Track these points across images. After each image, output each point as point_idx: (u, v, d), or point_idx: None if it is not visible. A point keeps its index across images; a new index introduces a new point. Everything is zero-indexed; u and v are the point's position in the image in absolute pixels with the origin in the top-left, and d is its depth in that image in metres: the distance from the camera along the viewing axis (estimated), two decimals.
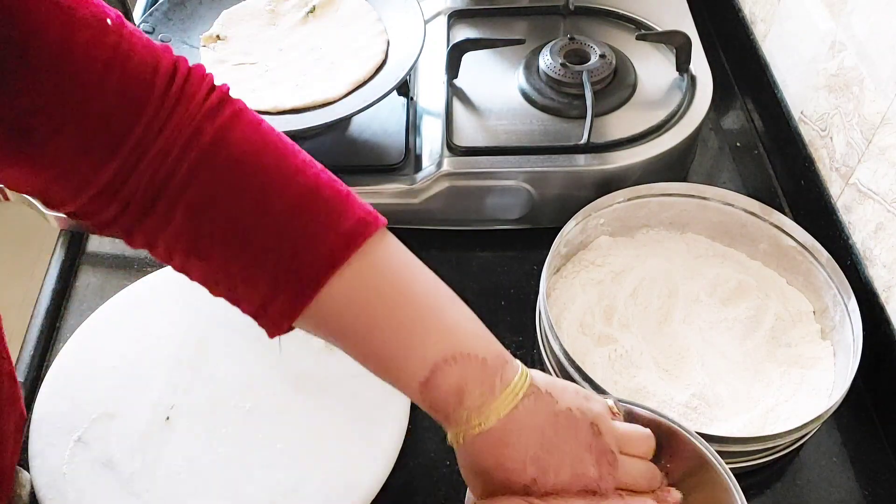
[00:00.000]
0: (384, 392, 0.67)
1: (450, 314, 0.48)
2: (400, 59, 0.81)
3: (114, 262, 0.83)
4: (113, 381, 0.69)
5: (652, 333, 0.71)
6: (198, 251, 0.46)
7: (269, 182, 0.45)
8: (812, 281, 0.72)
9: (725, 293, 0.73)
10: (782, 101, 0.88)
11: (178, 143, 0.44)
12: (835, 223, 0.76)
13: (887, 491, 0.65)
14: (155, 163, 0.44)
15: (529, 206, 0.81)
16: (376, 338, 0.47)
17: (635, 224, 0.78)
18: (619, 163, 0.78)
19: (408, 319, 0.47)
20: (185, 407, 0.68)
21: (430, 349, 0.46)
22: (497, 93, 0.85)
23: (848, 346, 0.65)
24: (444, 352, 0.46)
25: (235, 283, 0.47)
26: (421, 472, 0.67)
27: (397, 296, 0.47)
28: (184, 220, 0.45)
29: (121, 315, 0.74)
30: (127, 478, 0.63)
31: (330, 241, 0.45)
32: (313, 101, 0.79)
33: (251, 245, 0.46)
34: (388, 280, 0.47)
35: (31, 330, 0.75)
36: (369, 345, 0.47)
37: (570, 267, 0.76)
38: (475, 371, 0.46)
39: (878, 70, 0.71)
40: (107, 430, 0.66)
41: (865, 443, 0.68)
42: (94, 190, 0.44)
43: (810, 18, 0.83)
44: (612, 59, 0.85)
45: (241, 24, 0.88)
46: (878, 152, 0.71)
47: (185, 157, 0.44)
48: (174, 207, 0.45)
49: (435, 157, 0.80)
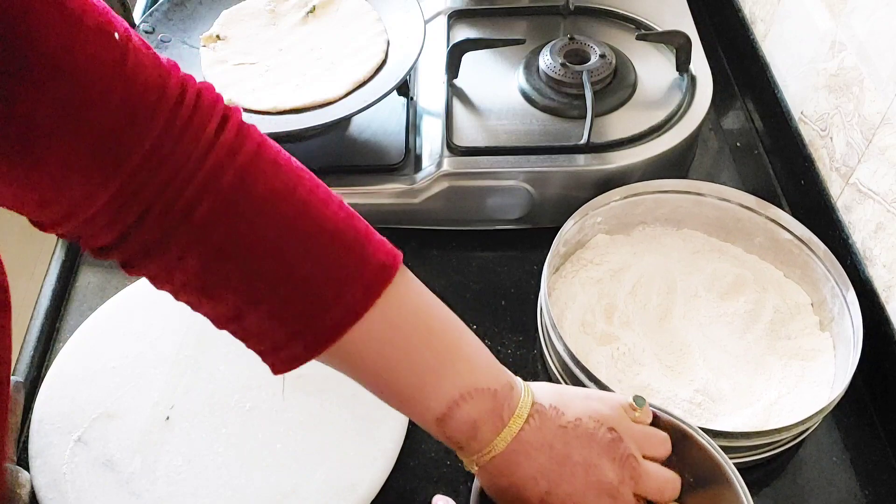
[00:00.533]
0: None
1: (464, 349, 0.50)
2: (400, 59, 0.81)
3: (114, 262, 0.82)
4: (113, 381, 0.69)
5: (653, 330, 0.71)
6: (211, 294, 0.45)
7: (291, 231, 0.44)
8: (809, 273, 0.72)
9: (723, 288, 0.74)
10: (782, 101, 0.88)
11: (194, 180, 0.42)
12: (835, 223, 0.76)
13: (887, 491, 0.65)
14: (160, 194, 0.41)
15: (529, 206, 0.81)
16: (394, 378, 0.48)
17: (632, 221, 0.78)
18: (619, 163, 0.78)
19: (424, 360, 0.48)
20: (185, 407, 0.68)
21: (447, 387, 0.48)
22: (497, 93, 0.85)
23: (848, 338, 0.66)
24: (460, 389, 0.48)
25: (249, 326, 0.46)
26: (421, 472, 0.67)
27: (414, 337, 0.48)
28: (199, 264, 0.44)
29: (121, 315, 0.74)
30: (127, 478, 0.63)
31: (352, 292, 0.45)
32: (313, 101, 0.79)
33: (271, 294, 0.44)
34: (407, 321, 0.48)
35: (31, 330, 0.75)
36: (387, 384, 0.49)
37: (569, 266, 0.76)
38: (487, 404, 0.48)
39: (878, 70, 0.71)
40: (107, 430, 0.66)
41: (865, 443, 0.68)
42: (89, 212, 0.41)
43: (810, 18, 0.83)
44: (612, 59, 0.85)
45: (241, 24, 0.88)
46: (878, 152, 0.71)
47: (202, 199, 0.42)
48: (189, 251, 0.43)
49: (435, 157, 0.80)
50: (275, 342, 0.46)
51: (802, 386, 0.67)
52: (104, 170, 0.40)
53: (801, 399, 0.66)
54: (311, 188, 0.46)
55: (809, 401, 0.65)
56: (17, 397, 0.67)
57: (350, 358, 0.47)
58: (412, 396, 0.49)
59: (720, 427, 0.62)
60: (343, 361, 0.48)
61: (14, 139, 0.39)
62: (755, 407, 0.65)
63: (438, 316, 0.50)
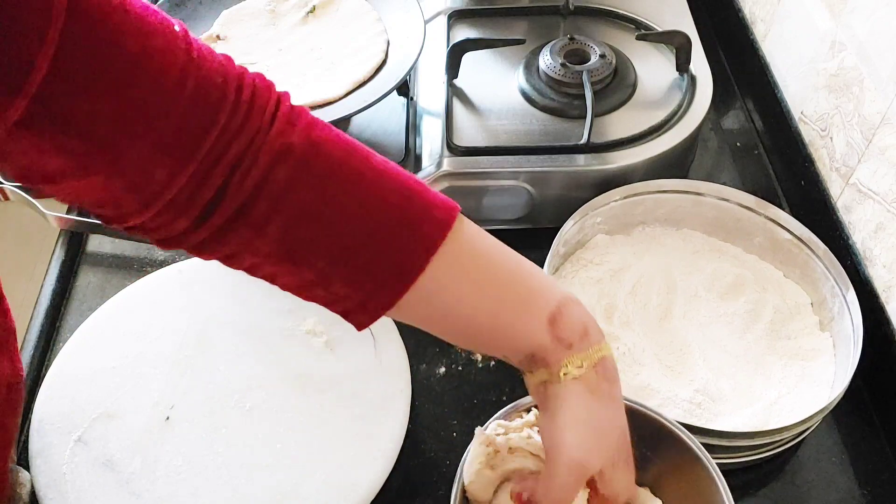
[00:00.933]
0: (384, 392, 0.68)
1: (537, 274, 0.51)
2: (400, 59, 0.81)
3: (114, 262, 0.83)
4: (113, 381, 0.69)
5: (653, 330, 0.71)
6: (294, 259, 0.46)
7: (364, 185, 0.46)
8: (809, 273, 0.72)
9: (723, 288, 0.74)
10: (782, 101, 0.88)
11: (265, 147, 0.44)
12: (835, 223, 0.76)
13: (887, 491, 0.65)
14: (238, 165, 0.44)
15: (529, 206, 0.81)
16: (486, 302, 0.49)
17: (631, 221, 0.78)
18: (619, 163, 0.78)
19: (516, 279, 0.50)
20: (185, 407, 0.68)
21: (550, 293, 0.49)
22: (497, 93, 0.85)
23: (848, 337, 0.66)
24: (563, 295, 0.50)
25: (336, 286, 0.48)
26: (421, 472, 0.67)
27: (495, 264, 0.50)
28: (281, 230, 0.45)
29: (121, 315, 0.74)
30: (127, 477, 0.63)
31: (425, 230, 0.47)
32: (313, 101, 0.79)
33: (356, 249, 0.46)
34: (482, 253, 0.50)
35: (31, 330, 0.75)
36: (479, 311, 0.49)
37: (569, 266, 0.76)
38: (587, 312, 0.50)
39: (878, 70, 0.71)
40: (107, 430, 0.66)
41: (865, 443, 0.68)
42: (166, 200, 0.44)
43: (810, 18, 0.83)
44: (612, 59, 0.85)
45: (241, 24, 0.88)
46: (878, 152, 0.71)
47: (278, 163, 0.44)
48: (270, 218, 0.45)
49: (435, 157, 0.80)
50: (362, 297, 0.47)
51: (802, 386, 0.67)
52: (182, 156, 0.43)
53: (801, 399, 0.66)
54: (366, 150, 0.48)
55: (809, 401, 0.65)
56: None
57: (437, 296, 0.48)
58: (514, 310, 0.49)
59: (720, 427, 0.62)
60: (429, 303, 0.48)
61: (98, 138, 0.41)
62: (755, 407, 0.65)
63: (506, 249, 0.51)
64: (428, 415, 0.70)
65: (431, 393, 0.71)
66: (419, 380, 0.71)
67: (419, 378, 0.71)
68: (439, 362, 0.73)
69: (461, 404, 0.71)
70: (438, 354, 0.73)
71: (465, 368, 0.73)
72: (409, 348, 0.71)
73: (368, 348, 0.70)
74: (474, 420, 0.69)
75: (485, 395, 0.71)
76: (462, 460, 0.54)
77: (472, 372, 0.73)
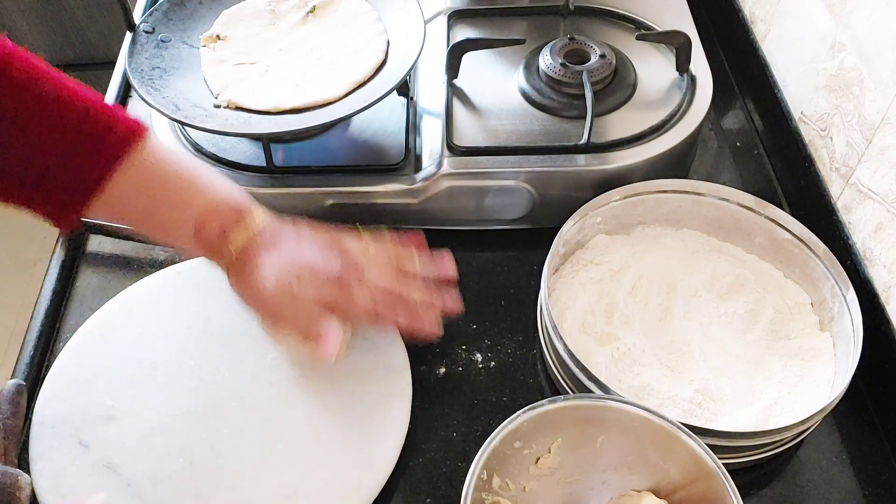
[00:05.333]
0: (384, 392, 0.68)
1: (206, 182, 0.64)
2: (400, 59, 0.81)
3: (114, 262, 0.82)
4: (113, 382, 0.69)
5: (653, 330, 0.71)
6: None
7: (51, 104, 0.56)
8: (809, 273, 0.72)
9: (723, 288, 0.74)
10: (782, 101, 0.88)
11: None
12: (835, 223, 0.76)
13: (887, 491, 0.65)
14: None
15: (530, 206, 0.81)
16: (157, 213, 0.63)
17: (631, 221, 0.78)
18: (620, 163, 0.78)
19: (177, 194, 0.63)
20: (186, 408, 0.68)
21: (196, 210, 0.63)
22: (497, 93, 0.85)
23: (848, 337, 0.66)
24: (206, 209, 0.63)
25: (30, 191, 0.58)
26: (421, 472, 0.67)
27: (167, 179, 0.62)
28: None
29: (121, 316, 0.74)
30: (128, 480, 0.63)
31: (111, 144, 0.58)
32: (313, 101, 0.79)
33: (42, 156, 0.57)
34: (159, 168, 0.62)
35: (31, 330, 0.75)
36: (152, 220, 0.64)
37: (569, 266, 0.76)
38: (229, 217, 0.63)
39: (878, 70, 0.71)
40: (108, 433, 0.66)
41: (865, 443, 0.68)
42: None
43: (810, 18, 0.83)
44: (612, 59, 0.85)
45: (241, 24, 0.88)
46: (878, 152, 0.71)
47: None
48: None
49: (435, 157, 0.80)
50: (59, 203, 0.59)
51: (802, 386, 0.67)
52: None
53: (801, 399, 0.66)
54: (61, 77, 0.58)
55: (809, 401, 0.65)
56: (19, 400, 0.67)
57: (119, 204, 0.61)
58: (174, 224, 0.63)
59: (720, 427, 0.62)
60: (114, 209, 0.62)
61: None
62: (755, 407, 0.65)
63: (185, 160, 0.66)
64: (428, 415, 0.70)
65: (431, 393, 0.71)
66: (419, 380, 0.71)
67: (419, 378, 0.71)
68: (439, 363, 0.73)
69: (461, 405, 0.71)
70: (438, 355, 0.74)
71: (465, 369, 0.73)
72: (410, 349, 0.71)
73: (369, 349, 0.70)
74: (474, 420, 0.69)
75: (485, 396, 0.71)
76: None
77: (473, 373, 0.73)
